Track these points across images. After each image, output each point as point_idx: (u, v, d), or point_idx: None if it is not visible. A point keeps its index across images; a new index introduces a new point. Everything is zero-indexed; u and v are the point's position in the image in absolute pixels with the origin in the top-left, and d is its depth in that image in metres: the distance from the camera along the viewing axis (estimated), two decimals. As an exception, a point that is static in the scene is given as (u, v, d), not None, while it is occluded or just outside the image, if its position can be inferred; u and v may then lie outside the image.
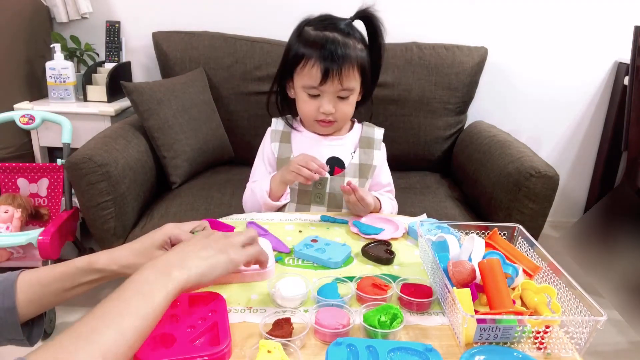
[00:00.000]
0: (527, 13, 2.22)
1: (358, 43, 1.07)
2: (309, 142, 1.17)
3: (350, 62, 1.04)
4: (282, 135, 1.18)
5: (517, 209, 1.56)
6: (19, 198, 1.73)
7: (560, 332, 0.68)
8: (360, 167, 1.17)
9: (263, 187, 1.12)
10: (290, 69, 1.09)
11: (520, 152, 1.66)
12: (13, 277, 0.66)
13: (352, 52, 1.04)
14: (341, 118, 1.12)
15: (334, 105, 1.08)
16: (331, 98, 1.07)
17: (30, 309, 0.66)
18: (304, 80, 1.06)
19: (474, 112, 2.22)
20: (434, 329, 0.71)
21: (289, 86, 1.14)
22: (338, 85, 1.05)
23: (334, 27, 1.06)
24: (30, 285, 0.66)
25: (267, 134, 1.22)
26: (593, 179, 2.49)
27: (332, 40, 1.03)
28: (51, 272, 0.68)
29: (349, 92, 1.08)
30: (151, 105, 1.74)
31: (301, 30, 1.08)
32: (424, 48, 2.06)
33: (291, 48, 1.08)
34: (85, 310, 2.03)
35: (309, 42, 1.05)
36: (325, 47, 1.02)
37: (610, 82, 2.33)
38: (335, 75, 1.03)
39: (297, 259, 0.89)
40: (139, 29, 2.16)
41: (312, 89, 1.07)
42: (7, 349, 0.69)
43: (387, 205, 1.19)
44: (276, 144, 1.18)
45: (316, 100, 1.08)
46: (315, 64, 1.03)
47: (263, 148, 1.23)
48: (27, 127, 1.73)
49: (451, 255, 0.80)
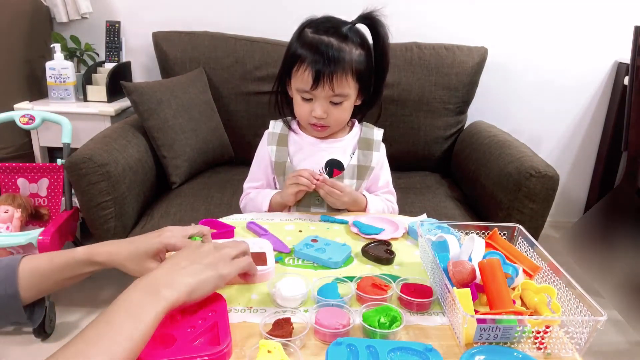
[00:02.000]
0: (527, 13, 2.22)
1: (356, 48, 1.04)
2: (307, 144, 1.16)
3: (343, 67, 1.01)
4: (279, 138, 1.17)
5: (517, 209, 1.56)
6: (19, 198, 1.73)
7: (560, 332, 0.68)
8: (358, 169, 1.16)
9: (262, 204, 1.14)
10: (289, 69, 1.08)
11: (520, 152, 1.66)
12: (14, 264, 0.68)
13: (346, 57, 1.01)
14: (334, 123, 1.10)
15: (326, 110, 1.06)
16: (323, 103, 1.05)
17: (31, 294, 0.69)
18: (297, 83, 1.06)
19: (474, 112, 2.22)
20: (434, 329, 0.71)
21: (288, 87, 1.14)
22: (329, 91, 1.03)
23: (334, 31, 1.04)
24: (31, 275, 0.69)
25: (264, 137, 1.21)
26: (593, 179, 2.49)
27: (326, 44, 1.01)
28: (51, 263, 0.70)
29: (342, 98, 1.06)
30: (151, 105, 1.74)
31: (301, 31, 1.07)
32: (424, 48, 2.06)
33: (290, 48, 1.08)
34: (86, 311, 2.01)
35: (305, 44, 1.03)
36: (317, 51, 1.01)
37: (610, 82, 2.33)
38: (326, 81, 1.01)
39: (297, 259, 0.89)
40: (139, 29, 2.16)
41: (304, 92, 1.05)
42: (6, 348, 0.70)
43: (378, 204, 1.17)
44: (273, 147, 1.17)
45: (309, 104, 1.07)
46: (308, 68, 1.02)
47: (260, 151, 1.22)
48: (27, 127, 1.73)
49: (451, 255, 0.80)
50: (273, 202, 1.13)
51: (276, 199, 1.13)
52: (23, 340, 1.58)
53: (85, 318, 1.70)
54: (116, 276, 2.17)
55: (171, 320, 0.66)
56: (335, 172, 1.15)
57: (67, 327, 1.65)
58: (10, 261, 0.69)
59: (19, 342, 1.58)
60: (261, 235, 0.96)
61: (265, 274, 0.80)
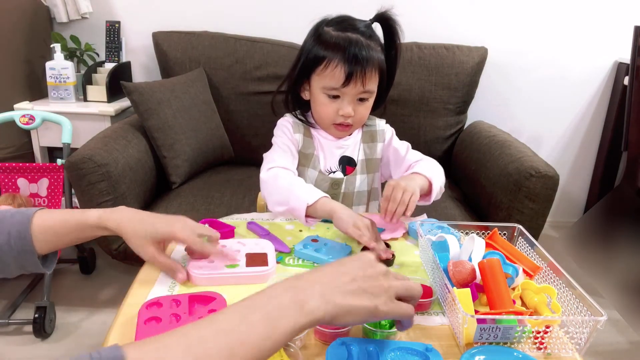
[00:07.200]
0: (527, 13, 2.22)
1: (377, 46, 1.06)
2: (325, 141, 1.16)
3: (373, 64, 1.03)
4: (304, 129, 1.16)
5: (517, 209, 1.56)
6: (19, 198, 1.73)
7: (560, 332, 0.68)
8: (366, 163, 1.18)
9: (304, 194, 0.96)
10: (308, 70, 1.07)
11: (520, 152, 1.66)
12: (26, 219, 0.71)
13: (374, 55, 1.03)
14: (358, 121, 1.10)
15: (354, 108, 1.06)
16: (351, 100, 1.06)
17: (44, 249, 0.72)
18: (325, 81, 1.05)
19: (474, 112, 2.22)
20: (434, 329, 0.71)
21: (303, 88, 1.13)
22: (360, 87, 1.03)
23: (355, 29, 1.05)
24: (45, 233, 0.71)
25: (285, 123, 1.16)
26: (593, 179, 2.49)
27: (355, 41, 1.02)
28: (65, 224, 0.73)
29: (369, 94, 1.07)
30: (151, 105, 1.74)
31: (320, 31, 1.06)
32: (424, 48, 2.06)
33: (310, 49, 1.06)
34: (86, 311, 2.01)
35: (331, 43, 1.03)
36: (349, 49, 1.01)
37: (610, 82, 2.33)
38: (358, 77, 1.02)
39: (297, 259, 0.89)
40: (139, 29, 2.16)
41: (332, 90, 1.05)
42: (6, 348, 0.70)
43: (426, 169, 1.09)
44: (300, 135, 1.15)
45: (335, 103, 1.06)
46: (339, 65, 1.02)
47: (283, 138, 1.15)
48: (27, 127, 1.73)
49: (451, 255, 0.80)
50: (320, 205, 0.95)
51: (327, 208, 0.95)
52: (23, 340, 1.58)
53: (86, 318, 1.70)
54: (116, 276, 2.17)
55: (171, 320, 0.66)
56: (348, 169, 1.16)
57: (67, 327, 1.65)
58: (22, 217, 0.71)
59: (19, 342, 1.58)
60: (261, 235, 0.96)
61: (265, 275, 0.80)
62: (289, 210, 0.98)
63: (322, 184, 1.14)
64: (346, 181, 1.16)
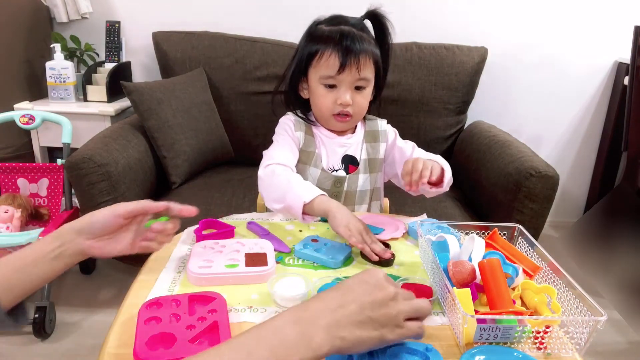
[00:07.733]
0: (527, 13, 2.22)
1: (370, 38, 1.08)
2: (327, 139, 1.17)
3: (367, 52, 1.05)
4: (306, 127, 1.17)
5: (517, 209, 1.56)
6: (19, 198, 1.73)
7: (560, 332, 0.68)
8: (369, 162, 1.18)
9: (301, 191, 0.95)
10: (305, 66, 1.09)
11: (520, 152, 1.66)
12: None
13: (367, 45, 1.05)
14: (357, 111, 1.11)
15: (352, 97, 1.07)
16: (348, 88, 1.07)
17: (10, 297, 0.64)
18: (321, 71, 1.06)
19: (474, 112, 2.22)
20: (434, 329, 0.71)
21: (301, 87, 1.14)
22: (356, 74, 1.05)
23: (347, 23, 1.08)
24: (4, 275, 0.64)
25: (287, 121, 1.16)
26: (593, 179, 2.49)
27: (347, 32, 1.05)
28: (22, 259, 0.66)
29: (365, 82, 1.08)
30: (151, 105, 1.74)
31: (312, 30, 1.09)
32: (424, 48, 2.06)
33: (304, 47, 1.09)
34: (86, 311, 2.01)
35: (324, 36, 1.06)
36: (342, 38, 1.03)
37: (610, 82, 2.33)
38: (353, 63, 1.03)
39: (297, 259, 0.89)
40: (139, 29, 2.16)
41: (329, 78, 1.06)
42: (6, 348, 0.69)
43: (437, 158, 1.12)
44: (301, 133, 1.16)
45: (333, 92, 1.08)
46: (333, 53, 1.04)
47: (284, 135, 1.15)
48: (27, 127, 1.73)
49: (451, 255, 0.80)
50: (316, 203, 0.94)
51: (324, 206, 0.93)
52: (23, 340, 1.58)
53: (86, 318, 1.70)
54: (116, 276, 2.17)
55: (171, 320, 0.66)
56: (350, 168, 1.17)
57: (67, 327, 1.65)
58: None
59: (19, 342, 1.58)
60: (261, 235, 0.96)
61: (265, 275, 0.80)
62: (286, 208, 0.97)
63: (325, 181, 1.15)
64: (349, 179, 1.16)
